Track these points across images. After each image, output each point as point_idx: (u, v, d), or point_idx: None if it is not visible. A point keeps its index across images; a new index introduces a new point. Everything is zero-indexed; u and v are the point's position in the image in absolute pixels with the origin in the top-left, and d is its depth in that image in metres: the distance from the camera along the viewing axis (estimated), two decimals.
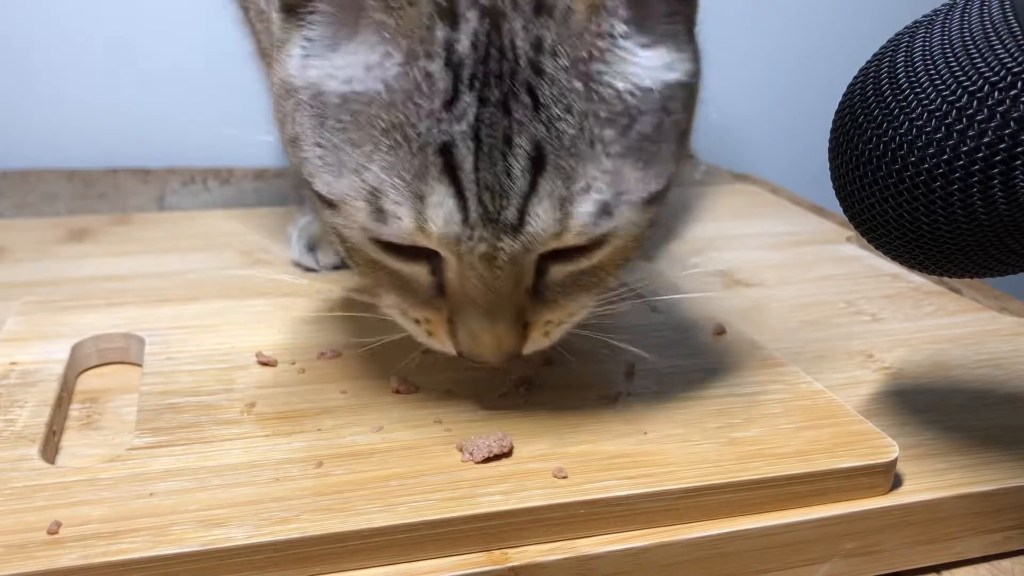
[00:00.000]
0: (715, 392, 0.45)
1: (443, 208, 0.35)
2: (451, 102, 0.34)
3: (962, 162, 0.34)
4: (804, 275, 0.69)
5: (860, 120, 0.37)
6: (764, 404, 0.44)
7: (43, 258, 0.69)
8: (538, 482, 0.37)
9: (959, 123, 0.34)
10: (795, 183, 0.96)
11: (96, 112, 0.87)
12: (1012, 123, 0.32)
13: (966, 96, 0.33)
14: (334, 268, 0.68)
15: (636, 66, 0.36)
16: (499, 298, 0.38)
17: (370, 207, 0.36)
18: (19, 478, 0.37)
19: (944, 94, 0.34)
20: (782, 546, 0.38)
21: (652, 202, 0.38)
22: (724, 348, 0.51)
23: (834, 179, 0.40)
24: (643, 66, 0.36)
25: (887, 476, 0.40)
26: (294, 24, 0.37)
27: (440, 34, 0.34)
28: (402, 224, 0.35)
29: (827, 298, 0.64)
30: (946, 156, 0.34)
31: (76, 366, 0.49)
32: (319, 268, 0.68)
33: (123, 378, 0.49)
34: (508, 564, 0.35)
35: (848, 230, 0.77)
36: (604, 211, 0.36)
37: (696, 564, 0.37)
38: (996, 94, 0.33)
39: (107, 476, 0.37)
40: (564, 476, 0.37)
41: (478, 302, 0.38)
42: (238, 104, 0.78)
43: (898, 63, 0.36)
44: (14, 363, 0.47)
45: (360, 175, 0.35)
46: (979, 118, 0.33)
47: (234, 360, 0.47)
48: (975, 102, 0.33)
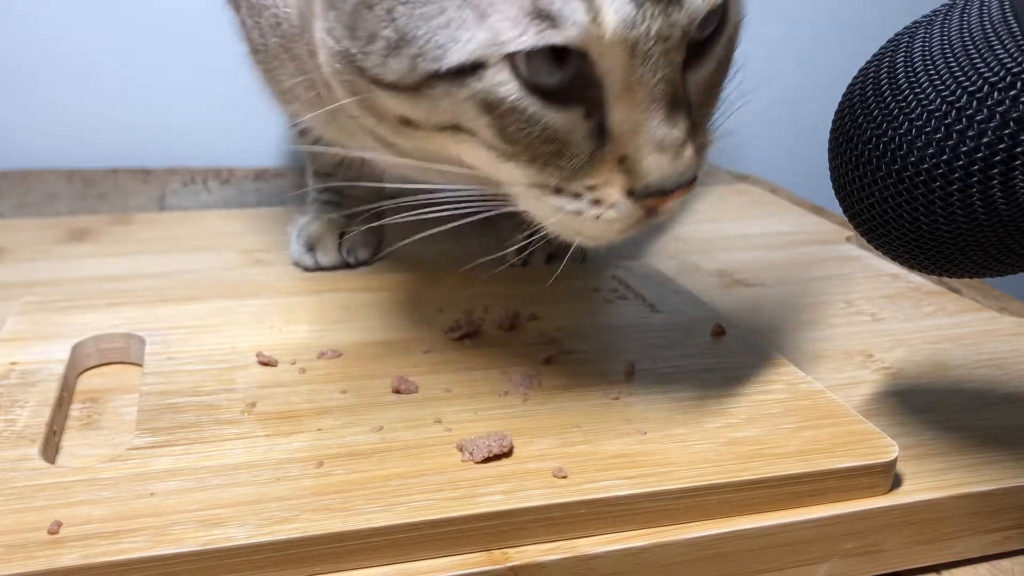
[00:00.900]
0: (715, 392, 0.45)
1: None
2: None
3: (961, 162, 0.34)
4: (804, 275, 0.69)
5: (860, 120, 0.37)
6: (764, 404, 0.44)
7: (43, 258, 0.69)
8: (538, 482, 0.37)
9: (958, 123, 0.34)
10: (795, 183, 0.96)
11: (96, 112, 0.87)
12: (1011, 123, 0.32)
13: (965, 96, 0.33)
14: (333, 268, 0.68)
15: None
16: (675, 90, 0.37)
17: (532, 19, 0.35)
18: (19, 478, 0.37)
19: (943, 94, 0.34)
20: (781, 546, 0.38)
21: None
22: (724, 348, 0.51)
23: (834, 179, 0.40)
24: None
25: (887, 476, 0.40)
26: None
27: None
28: (576, 18, 0.34)
29: (827, 298, 0.64)
30: (945, 156, 0.34)
31: (76, 366, 0.49)
32: (319, 268, 0.68)
33: (123, 378, 0.49)
34: (508, 564, 0.35)
35: (848, 230, 0.77)
36: None
37: (696, 564, 0.37)
38: (995, 94, 0.33)
39: (107, 476, 0.37)
40: (564, 476, 0.38)
41: (657, 99, 0.37)
42: (238, 104, 0.78)
43: (898, 63, 0.37)
44: (14, 363, 0.47)
45: None
46: (978, 118, 0.33)
47: (234, 360, 0.47)
48: (974, 102, 0.33)
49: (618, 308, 0.56)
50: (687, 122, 0.38)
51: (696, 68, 0.39)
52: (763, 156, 1.02)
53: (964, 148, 0.33)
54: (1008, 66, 0.33)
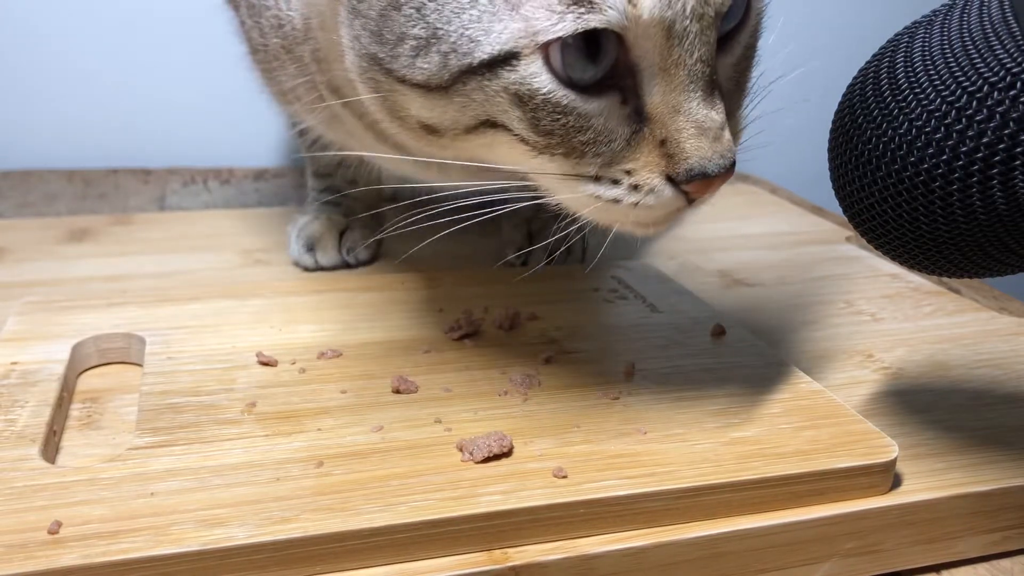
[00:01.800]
0: (715, 392, 0.45)
1: None
2: None
3: (961, 162, 0.34)
4: (804, 275, 0.69)
5: (859, 120, 0.37)
6: (764, 404, 0.44)
7: (44, 258, 0.69)
8: (538, 482, 0.37)
9: (958, 123, 0.34)
10: (795, 183, 0.96)
11: (96, 112, 0.87)
12: (1011, 123, 0.32)
13: (965, 96, 0.33)
14: (333, 268, 0.68)
15: None
16: (711, 71, 0.37)
17: (569, 5, 0.35)
18: (19, 478, 0.37)
19: (943, 94, 0.34)
20: (781, 546, 0.38)
21: None
22: (724, 348, 0.51)
23: (833, 179, 0.40)
24: None
25: (887, 476, 0.40)
26: None
27: None
28: (613, 0, 0.35)
29: (827, 298, 0.64)
30: (945, 156, 0.34)
31: (76, 366, 0.49)
32: (319, 268, 0.68)
33: (123, 378, 0.49)
34: (508, 564, 0.35)
35: (848, 230, 0.77)
36: None
37: (696, 564, 0.37)
38: (995, 94, 0.33)
39: (107, 476, 0.37)
40: (564, 476, 0.38)
41: (695, 80, 0.37)
42: (238, 104, 0.78)
43: (897, 63, 0.37)
44: (15, 363, 0.47)
45: None
46: (978, 118, 0.33)
47: (234, 360, 0.47)
48: (974, 102, 0.33)
49: (618, 308, 0.56)
50: (723, 105, 0.38)
51: (725, 54, 0.40)
52: (763, 156, 1.02)
53: (964, 148, 0.33)
54: (1008, 66, 0.33)
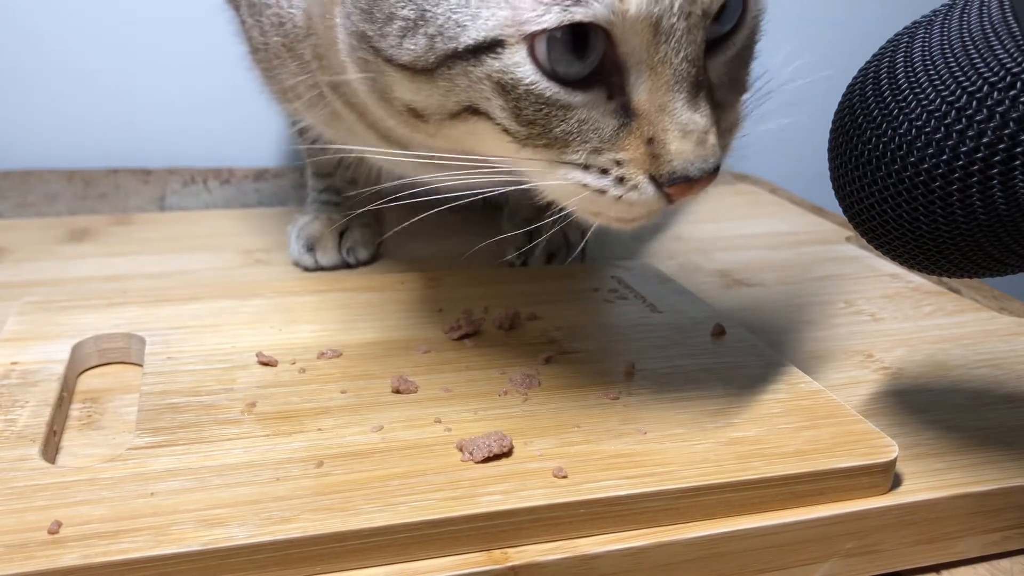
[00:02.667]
0: (715, 392, 0.45)
1: None
2: None
3: (961, 162, 0.34)
4: (804, 275, 0.69)
5: (859, 120, 0.37)
6: (764, 404, 0.44)
7: (44, 258, 0.69)
8: (538, 482, 0.37)
9: (958, 123, 0.34)
10: (795, 183, 0.96)
11: (96, 112, 0.87)
12: (1011, 123, 0.32)
13: (965, 96, 0.33)
14: (333, 268, 0.68)
15: None
16: (698, 71, 0.37)
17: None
18: (20, 478, 0.37)
19: (943, 94, 0.34)
20: (781, 546, 0.38)
21: None
22: (724, 348, 0.51)
23: (834, 179, 0.40)
24: None
25: (886, 476, 0.40)
26: None
27: None
28: None
29: (827, 298, 0.64)
30: (945, 156, 0.34)
31: (77, 366, 0.49)
32: (319, 268, 0.68)
33: (123, 378, 0.49)
34: (508, 564, 0.35)
35: (848, 230, 0.77)
36: None
37: (696, 564, 0.38)
38: (995, 94, 0.33)
39: (107, 476, 0.37)
40: (564, 476, 0.38)
41: (681, 80, 0.37)
42: (238, 104, 0.78)
43: (897, 63, 0.37)
44: (15, 363, 0.47)
45: None
46: (978, 118, 0.33)
47: (234, 360, 0.47)
48: (974, 102, 0.33)
49: (618, 308, 0.56)
50: (710, 109, 0.38)
51: (718, 54, 0.39)
52: (763, 156, 1.02)
53: (964, 148, 0.33)
54: (1008, 66, 0.33)
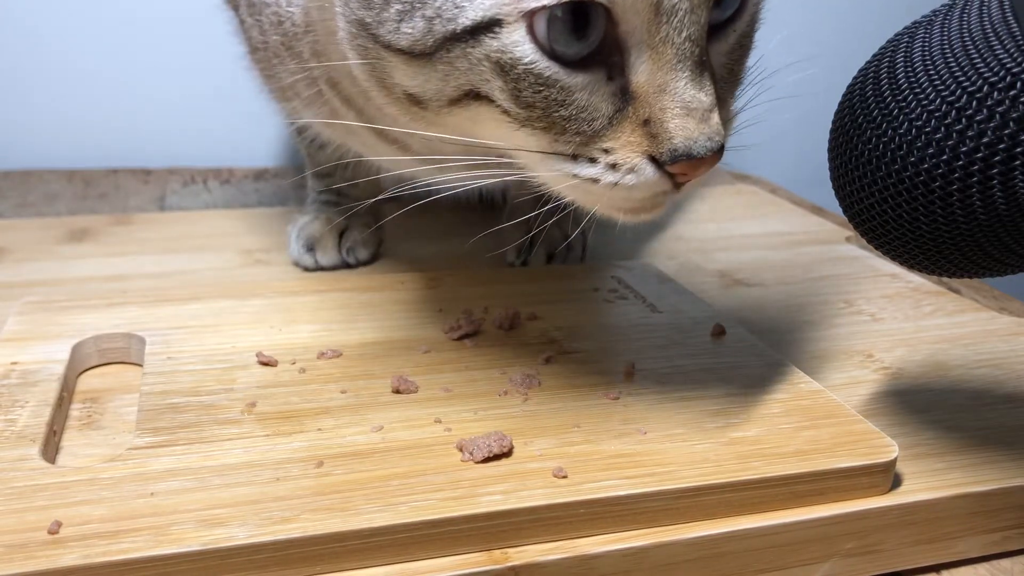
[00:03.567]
0: (715, 392, 0.45)
1: None
2: None
3: (961, 162, 0.34)
4: (804, 275, 0.69)
5: (860, 120, 0.37)
6: (764, 404, 0.44)
7: (44, 258, 0.69)
8: (538, 482, 0.37)
9: (958, 123, 0.34)
10: (795, 183, 0.96)
11: (96, 112, 0.87)
12: (1011, 123, 0.32)
13: (965, 96, 0.33)
14: (333, 268, 0.68)
15: None
16: (701, 51, 0.37)
17: None
18: (20, 478, 0.37)
19: (943, 94, 0.34)
20: (781, 546, 0.38)
21: None
22: (724, 348, 0.51)
23: (834, 179, 0.40)
24: None
25: (887, 476, 0.40)
26: None
27: None
28: None
29: (827, 298, 0.64)
30: (945, 156, 0.34)
31: (77, 366, 0.49)
32: (319, 268, 0.68)
33: (123, 378, 0.49)
34: (508, 564, 0.35)
35: (848, 230, 0.77)
36: None
37: (696, 564, 0.38)
38: (995, 94, 0.33)
39: (107, 476, 0.37)
40: (564, 476, 0.38)
41: (684, 59, 0.36)
42: (238, 104, 0.78)
43: (897, 63, 0.37)
44: (15, 363, 0.47)
45: None
46: (978, 118, 0.33)
47: (234, 360, 0.47)
48: (974, 102, 0.33)
49: (618, 308, 0.56)
50: (713, 87, 0.38)
51: (719, 41, 0.39)
52: (763, 156, 1.02)
53: (964, 148, 0.33)
54: (1008, 66, 0.33)
